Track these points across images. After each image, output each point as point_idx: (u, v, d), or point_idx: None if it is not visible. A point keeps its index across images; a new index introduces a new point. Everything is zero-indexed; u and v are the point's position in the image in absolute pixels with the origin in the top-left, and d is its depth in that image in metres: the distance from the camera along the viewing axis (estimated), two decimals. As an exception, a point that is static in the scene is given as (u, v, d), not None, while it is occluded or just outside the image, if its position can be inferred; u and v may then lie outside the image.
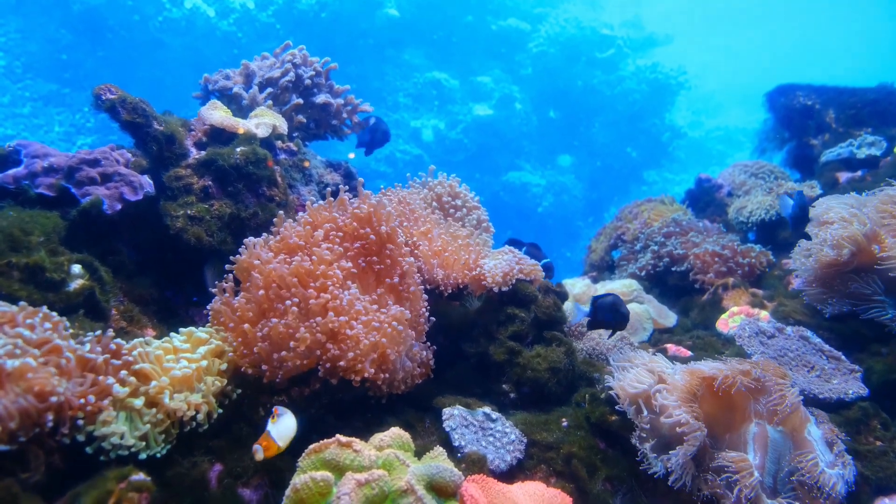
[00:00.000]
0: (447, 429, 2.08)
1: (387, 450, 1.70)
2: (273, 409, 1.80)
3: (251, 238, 2.31)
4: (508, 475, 2.00)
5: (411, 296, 2.35)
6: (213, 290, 2.25)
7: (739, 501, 1.76)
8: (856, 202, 2.86)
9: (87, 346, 1.78)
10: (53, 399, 1.57)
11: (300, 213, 2.55)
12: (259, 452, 1.68)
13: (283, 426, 1.74)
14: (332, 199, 2.49)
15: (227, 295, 2.21)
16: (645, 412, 2.03)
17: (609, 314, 2.46)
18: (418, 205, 2.86)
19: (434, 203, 3.05)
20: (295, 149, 3.13)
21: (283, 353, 2.01)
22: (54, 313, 1.81)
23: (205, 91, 3.36)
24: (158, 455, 1.76)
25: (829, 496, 1.78)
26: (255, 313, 2.11)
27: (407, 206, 2.77)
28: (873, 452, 2.16)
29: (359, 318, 2.07)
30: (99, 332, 1.89)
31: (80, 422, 1.65)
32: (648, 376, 2.10)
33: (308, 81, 3.35)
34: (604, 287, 3.70)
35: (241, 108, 3.21)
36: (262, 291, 2.10)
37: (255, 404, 2.10)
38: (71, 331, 1.82)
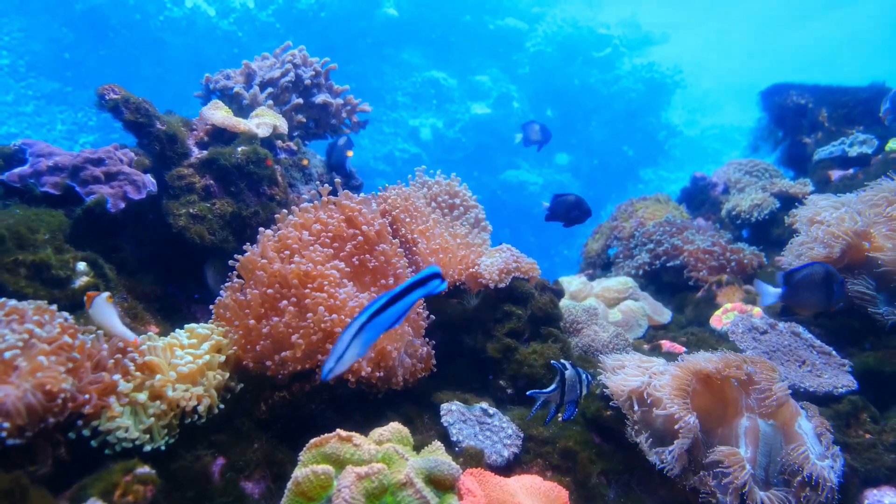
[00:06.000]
0: (445, 424, 2.11)
1: (386, 444, 1.72)
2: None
3: (267, 230, 2.35)
4: (505, 469, 2.03)
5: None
6: (219, 287, 2.29)
7: (732, 494, 1.81)
8: (846, 200, 2.90)
9: (95, 343, 1.82)
10: (61, 397, 1.61)
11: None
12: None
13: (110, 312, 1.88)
14: (316, 201, 2.52)
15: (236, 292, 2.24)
16: (636, 407, 2.07)
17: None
18: (420, 203, 2.89)
19: (433, 202, 3.08)
20: (295, 148, 3.17)
21: (285, 353, 2.04)
22: (66, 314, 1.84)
23: (206, 90, 3.39)
24: (162, 447, 1.80)
25: (820, 487, 1.82)
26: (265, 309, 2.15)
27: (412, 204, 2.80)
28: (862, 445, 2.20)
29: (353, 314, 2.10)
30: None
31: (81, 421, 1.68)
32: (641, 373, 2.14)
33: (308, 81, 3.38)
34: (600, 284, 3.74)
35: (242, 108, 3.24)
36: (270, 290, 2.14)
37: (257, 399, 2.14)
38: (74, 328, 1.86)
